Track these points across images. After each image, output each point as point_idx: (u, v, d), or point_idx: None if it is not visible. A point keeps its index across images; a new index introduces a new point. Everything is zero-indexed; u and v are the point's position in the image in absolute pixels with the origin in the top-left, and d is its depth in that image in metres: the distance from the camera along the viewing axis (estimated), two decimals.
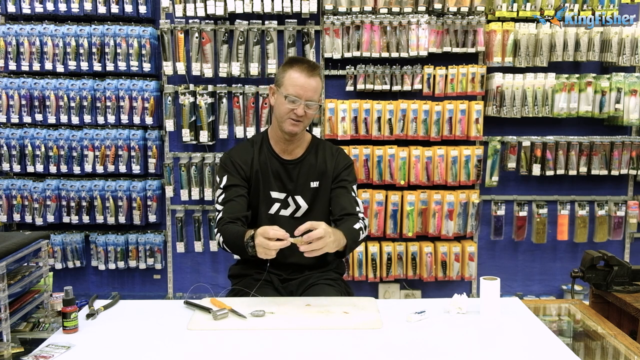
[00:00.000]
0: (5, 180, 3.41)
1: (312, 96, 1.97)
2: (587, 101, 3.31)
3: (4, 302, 1.45)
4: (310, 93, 1.96)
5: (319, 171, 2.08)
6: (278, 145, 2.08)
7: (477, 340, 1.53)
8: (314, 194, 2.07)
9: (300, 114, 1.95)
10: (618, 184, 3.53)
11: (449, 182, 3.36)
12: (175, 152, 3.48)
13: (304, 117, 1.97)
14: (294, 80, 1.95)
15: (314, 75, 1.97)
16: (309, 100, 1.96)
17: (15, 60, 3.34)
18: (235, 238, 1.84)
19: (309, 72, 1.96)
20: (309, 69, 1.97)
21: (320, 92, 2.04)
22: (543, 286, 3.62)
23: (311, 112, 1.99)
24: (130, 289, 3.60)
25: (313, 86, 1.96)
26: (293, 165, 2.07)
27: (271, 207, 2.06)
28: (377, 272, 3.40)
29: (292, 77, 1.96)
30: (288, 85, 1.96)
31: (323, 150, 2.12)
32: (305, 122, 2.00)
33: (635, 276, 2.04)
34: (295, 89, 1.95)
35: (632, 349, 1.56)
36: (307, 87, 1.95)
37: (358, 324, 1.60)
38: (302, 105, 1.95)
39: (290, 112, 1.96)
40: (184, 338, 1.52)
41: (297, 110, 1.95)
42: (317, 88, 1.99)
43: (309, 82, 1.95)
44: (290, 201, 2.06)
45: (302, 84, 1.94)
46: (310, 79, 1.96)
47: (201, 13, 3.22)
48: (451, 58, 3.35)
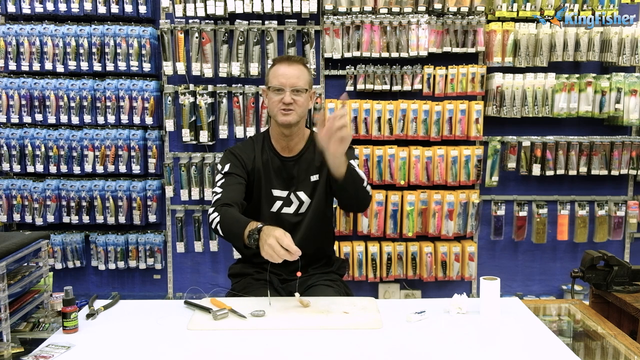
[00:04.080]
0: (5, 180, 3.41)
1: (296, 82, 1.98)
2: (587, 101, 3.31)
3: (4, 302, 1.45)
4: (293, 80, 1.98)
5: (318, 164, 2.07)
6: (278, 143, 2.09)
7: (477, 340, 1.53)
8: (314, 187, 2.07)
9: (287, 101, 1.97)
10: (618, 184, 3.53)
11: (449, 182, 3.36)
12: (175, 152, 3.48)
13: (294, 105, 1.98)
14: (275, 72, 2.01)
15: (294, 63, 2.01)
16: (293, 86, 1.98)
17: (15, 60, 3.34)
18: (235, 223, 1.80)
19: (288, 62, 2.01)
20: (288, 59, 2.03)
21: (308, 80, 2.04)
22: (543, 286, 3.62)
23: (300, 99, 2.00)
24: (130, 289, 3.60)
25: (295, 73, 1.99)
26: (293, 162, 2.07)
27: (273, 205, 2.06)
28: (377, 272, 3.40)
29: (274, 71, 2.02)
30: (272, 79, 2.01)
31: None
32: (297, 110, 2.00)
33: (635, 276, 2.04)
34: (278, 79, 1.99)
35: (632, 349, 1.56)
36: (288, 74, 1.98)
37: (358, 324, 1.60)
38: (287, 92, 1.97)
39: (279, 102, 1.98)
40: (184, 338, 1.52)
41: (284, 98, 1.97)
42: (301, 75, 2.00)
43: (289, 70, 1.99)
44: (292, 198, 2.06)
45: (283, 72, 1.99)
46: (291, 67, 2.00)
47: (201, 13, 3.22)
48: (451, 58, 3.35)
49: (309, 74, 2.06)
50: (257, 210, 2.06)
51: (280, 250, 1.61)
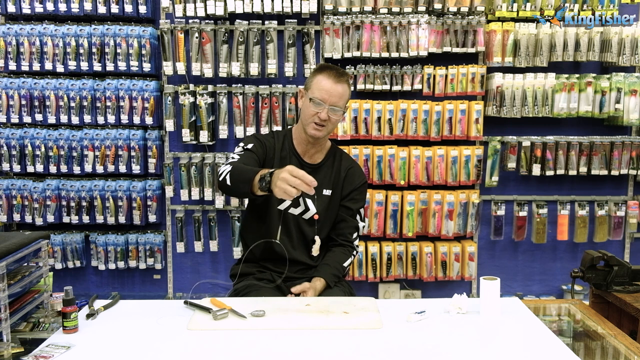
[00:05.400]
0: (5, 180, 3.41)
1: (337, 102, 1.99)
2: (587, 101, 3.31)
3: (4, 302, 1.45)
4: (335, 98, 1.98)
5: (334, 181, 2.12)
6: (300, 147, 2.11)
7: (477, 340, 1.53)
8: (325, 201, 2.10)
9: (323, 117, 1.98)
10: (618, 184, 3.53)
11: (449, 182, 3.36)
12: (175, 152, 3.48)
13: (327, 122, 2.00)
14: (320, 85, 1.99)
15: (341, 81, 2.00)
16: (333, 105, 1.98)
17: (15, 60, 3.34)
18: (248, 171, 1.80)
19: (336, 78, 1.99)
20: (337, 75, 2.00)
21: (347, 99, 2.05)
22: (543, 286, 3.62)
23: (335, 117, 2.02)
24: (130, 289, 3.60)
25: (339, 92, 1.99)
26: (310, 170, 2.05)
27: (282, 203, 2.07)
28: (377, 272, 3.40)
29: (319, 81, 2.00)
30: (315, 89, 2.00)
31: (340, 160, 2.16)
32: (328, 127, 2.03)
33: (635, 276, 2.04)
34: (321, 93, 1.98)
35: (632, 349, 1.56)
36: (332, 92, 1.98)
37: (358, 324, 1.60)
38: (326, 109, 1.98)
39: (315, 115, 1.99)
40: (184, 338, 1.52)
41: (321, 114, 1.98)
42: (344, 94, 2.01)
43: (335, 88, 1.98)
44: (300, 201, 2.08)
45: (328, 88, 1.98)
46: (337, 84, 1.99)
47: (201, 13, 3.22)
48: (451, 58, 3.35)
49: (349, 92, 2.08)
50: (266, 205, 2.07)
51: (294, 180, 1.59)
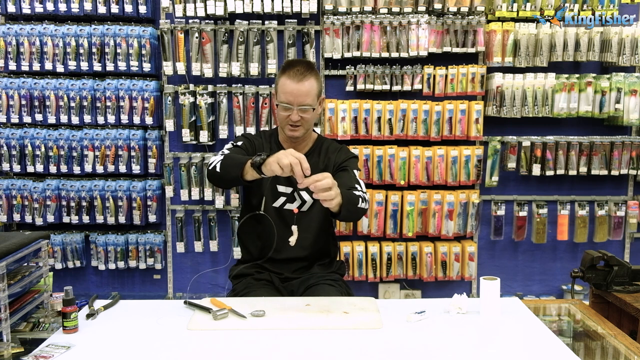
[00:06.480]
0: (5, 180, 3.41)
1: (304, 100, 1.97)
2: (587, 101, 3.31)
3: (4, 302, 1.45)
4: (301, 98, 1.97)
5: (323, 168, 2.09)
6: (286, 144, 2.12)
7: (477, 340, 1.53)
8: None
9: (295, 119, 1.98)
10: (618, 184, 3.53)
11: (449, 182, 3.36)
12: (175, 152, 3.48)
13: (301, 121, 1.99)
14: (285, 88, 1.98)
15: (305, 79, 1.96)
16: (301, 105, 1.97)
17: (15, 60, 3.34)
18: (238, 158, 1.81)
19: (298, 77, 1.96)
20: (298, 73, 1.96)
21: (316, 92, 2.03)
22: (543, 286, 3.62)
23: (308, 115, 2.00)
24: (130, 289, 3.60)
25: (303, 91, 1.96)
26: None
27: (277, 200, 2.07)
28: (377, 272, 3.40)
29: (283, 84, 1.98)
30: (280, 93, 2.00)
31: (327, 148, 2.16)
32: (304, 125, 2.02)
33: (635, 276, 2.04)
34: (286, 96, 1.97)
35: (632, 349, 1.56)
36: (296, 93, 1.96)
37: (358, 324, 1.60)
38: (295, 111, 1.97)
39: (286, 118, 1.99)
40: (184, 338, 1.52)
41: (292, 116, 1.98)
42: (310, 91, 1.98)
43: (298, 88, 1.96)
44: (296, 195, 2.08)
45: (292, 90, 1.96)
46: (300, 84, 1.96)
47: (201, 13, 3.22)
48: (451, 58, 3.35)
49: (318, 85, 2.04)
50: (260, 204, 2.07)
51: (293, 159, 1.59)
